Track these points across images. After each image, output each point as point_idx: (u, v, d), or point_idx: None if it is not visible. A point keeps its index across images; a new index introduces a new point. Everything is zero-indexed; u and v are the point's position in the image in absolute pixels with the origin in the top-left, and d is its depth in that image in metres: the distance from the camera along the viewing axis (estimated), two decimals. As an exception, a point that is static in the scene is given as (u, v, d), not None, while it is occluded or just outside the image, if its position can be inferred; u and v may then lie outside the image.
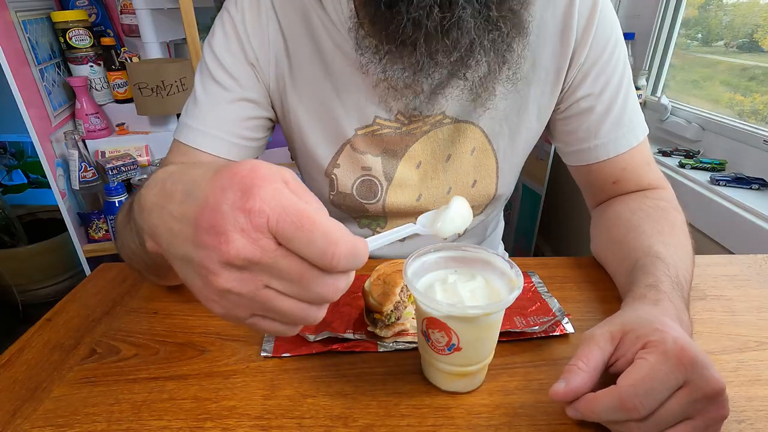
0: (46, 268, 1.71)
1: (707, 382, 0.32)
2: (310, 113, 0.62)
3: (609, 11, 0.59)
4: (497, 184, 0.67)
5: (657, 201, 0.59)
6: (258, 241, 0.26)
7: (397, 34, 0.46)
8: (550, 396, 0.35)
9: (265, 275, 0.27)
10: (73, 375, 0.43)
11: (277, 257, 0.26)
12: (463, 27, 0.45)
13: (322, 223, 0.26)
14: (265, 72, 0.61)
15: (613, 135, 0.61)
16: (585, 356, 0.36)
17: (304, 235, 0.26)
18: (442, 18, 0.44)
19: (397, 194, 0.65)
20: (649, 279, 0.45)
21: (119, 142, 1.48)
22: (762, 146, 1.08)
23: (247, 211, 0.26)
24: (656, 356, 0.33)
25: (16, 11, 1.26)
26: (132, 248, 0.45)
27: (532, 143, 0.66)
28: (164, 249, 0.32)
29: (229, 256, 0.26)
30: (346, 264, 0.26)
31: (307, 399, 0.40)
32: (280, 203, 0.26)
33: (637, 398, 0.32)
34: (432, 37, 0.45)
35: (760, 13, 1.20)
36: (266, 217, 0.26)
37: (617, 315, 0.40)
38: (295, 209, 0.26)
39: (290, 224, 0.26)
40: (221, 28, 0.60)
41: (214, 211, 0.26)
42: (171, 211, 0.30)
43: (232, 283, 0.27)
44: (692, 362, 0.32)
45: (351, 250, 0.26)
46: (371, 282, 0.47)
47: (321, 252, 0.26)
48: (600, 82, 0.60)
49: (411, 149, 0.63)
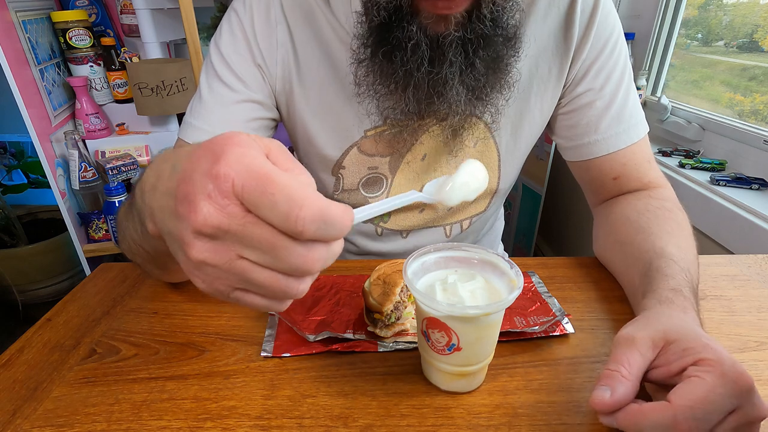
0: (46, 268, 1.71)
1: (758, 410, 0.31)
2: (317, 115, 0.62)
3: (610, 8, 0.60)
4: (499, 178, 0.67)
5: (662, 201, 0.59)
6: (225, 208, 0.25)
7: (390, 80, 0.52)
8: (591, 403, 0.33)
9: (237, 245, 0.26)
10: (73, 375, 0.43)
11: (245, 224, 0.25)
12: (448, 83, 0.51)
13: (286, 185, 0.24)
14: (271, 73, 0.61)
15: (613, 131, 0.61)
16: (627, 362, 0.34)
17: (267, 199, 0.24)
18: (429, 72, 0.50)
19: (401, 186, 0.65)
20: (671, 282, 0.44)
21: (119, 142, 1.48)
22: (762, 146, 1.08)
23: (213, 176, 0.25)
24: (714, 378, 0.31)
25: (16, 11, 1.25)
26: (134, 238, 0.45)
27: (535, 139, 0.67)
28: (159, 228, 0.32)
29: (197, 223, 0.25)
30: (315, 229, 0.25)
31: (307, 399, 0.40)
32: (246, 167, 0.25)
33: (694, 421, 0.30)
34: (419, 87, 0.52)
35: (760, 13, 1.20)
36: (231, 181, 0.25)
37: (651, 318, 0.38)
38: (260, 173, 0.25)
39: (254, 188, 0.24)
40: (229, 28, 0.60)
41: (186, 180, 0.26)
42: (161, 189, 0.30)
43: (205, 254, 0.26)
44: (748, 388, 0.31)
45: (317, 213, 0.25)
46: (371, 282, 0.47)
47: (284, 215, 0.24)
48: (600, 78, 0.60)
49: (418, 142, 0.63)
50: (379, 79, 0.54)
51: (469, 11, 0.48)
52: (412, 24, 0.48)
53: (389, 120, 0.59)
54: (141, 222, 0.38)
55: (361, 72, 0.55)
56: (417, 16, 0.48)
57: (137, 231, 0.42)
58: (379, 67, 0.52)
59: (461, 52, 0.50)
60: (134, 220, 0.42)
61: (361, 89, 0.56)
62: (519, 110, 0.63)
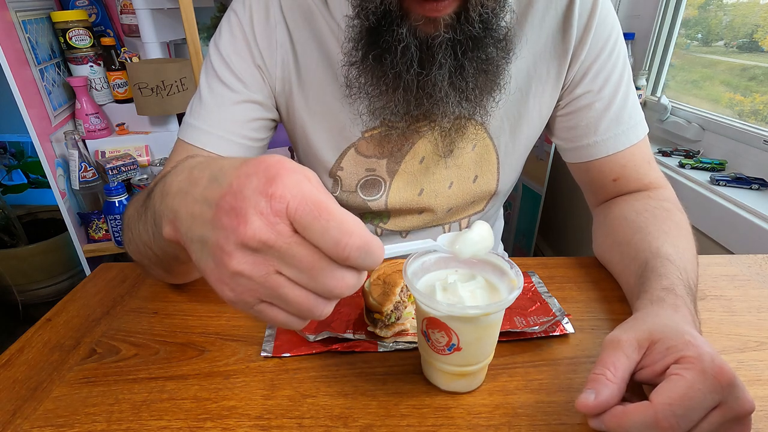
0: (46, 268, 1.71)
1: (741, 405, 0.31)
2: (316, 116, 0.62)
3: (609, 9, 0.60)
4: (498, 180, 0.67)
5: (661, 202, 0.59)
6: (275, 226, 0.26)
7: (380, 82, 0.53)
8: (576, 407, 0.34)
9: (277, 261, 0.27)
10: (73, 375, 0.43)
11: (291, 243, 0.27)
12: (437, 84, 0.51)
13: (339, 214, 0.27)
14: (271, 74, 0.61)
15: (613, 132, 0.61)
16: (612, 365, 0.34)
17: (320, 224, 0.26)
18: (419, 74, 0.51)
19: (399, 189, 0.65)
20: (664, 282, 0.44)
21: (119, 142, 1.48)
22: (762, 146, 1.07)
23: (269, 195, 0.26)
24: (694, 374, 0.32)
25: (16, 11, 1.25)
26: (144, 239, 0.45)
27: (533, 140, 0.67)
28: (182, 233, 0.32)
29: (245, 236, 0.26)
30: (358, 256, 0.27)
31: (307, 399, 0.40)
32: (301, 192, 0.27)
33: (674, 418, 0.30)
34: (408, 89, 0.52)
35: (760, 13, 1.20)
36: (286, 203, 0.26)
37: (639, 319, 0.39)
38: (314, 199, 0.26)
39: (308, 212, 0.26)
40: (228, 29, 0.60)
41: (236, 195, 0.27)
42: (194, 195, 0.31)
43: (243, 266, 0.27)
44: (729, 383, 0.31)
45: (364, 244, 0.27)
46: (371, 282, 0.47)
47: (335, 241, 0.26)
48: (599, 79, 0.60)
49: (415, 145, 0.63)
50: (370, 80, 0.54)
51: (457, 13, 0.48)
52: (402, 27, 0.48)
53: (382, 120, 0.59)
54: (156, 224, 0.38)
55: (352, 74, 0.55)
56: (407, 19, 0.48)
57: (148, 233, 0.42)
58: (370, 70, 0.53)
59: (451, 54, 0.50)
60: (146, 222, 0.42)
61: (352, 91, 0.56)
62: (517, 112, 0.63)
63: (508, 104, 0.61)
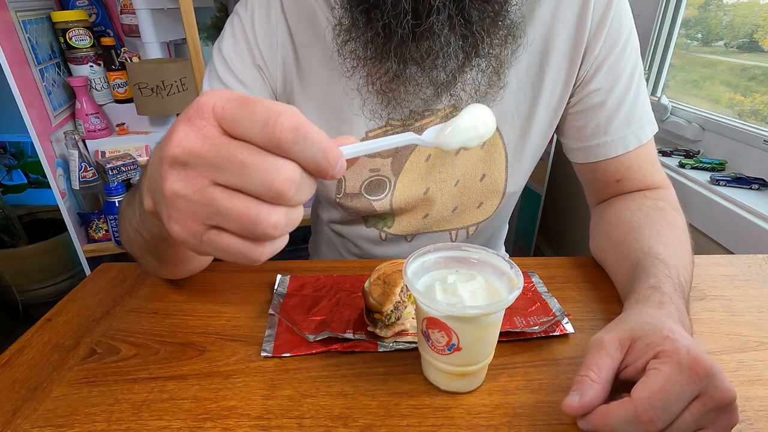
0: (46, 268, 1.71)
1: (721, 393, 0.31)
2: (319, 116, 0.62)
3: (624, 6, 0.59)
4: (507, 180, 0.66)
5: (656, 201, 0.59)
6: (201, 129, 0.26)
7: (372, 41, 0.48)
8: (563, 409, 0.34)
9: (210, 169, 0.26)
10: (73, 375, 0.43)
11: (219, 144, 0.26)
12: (435, 34, 0.45)
13: (266, 101, 0.26)
14: (272, 74, 0.61)
15: (623, 132, 0.60)
16: (596, 366, 0.35)
17: (247, 112, 0.25)
18: (414, 25, 0.45)
19: (404, 187, 0.65)
20: (651, 280, 0.45)
21: (119, 142, 1.48)
22: (762, 146, 1.07)
23: (194, 105, 0.26)
24: (670, 367, 0.32)
25: (16, 11, 1.25)
26: (133, 224, 0.46)
27: (544, 140, 0.65)
28: (151, 195, 0.33)
29: (171, 149, 0.26)
30: (292, 138, 0.25)
31: (307, 399, 0.40)
32: (229, 93, 0.26)
33: (653, 411, 0.31)
34: (403, 44, 0.47)
35: (760, 13, 1.20)
36: (212, 104, 0.26)
37: (623, 319, 0.39)
38: (242, 96, 0.26)
39: (236, 106, 0.26)
40: (231, 31, 0.60)
41: (171, 127, 0.28)
42: (155, 158, 0.31)
43: (177, 184, 0.27)
44: (706, 373, 0.31)
45: (296, 122, 0.25)
46: (371, 282, 0.47)
47: (263, 122, 0.25)
48: (611, 77, 0.59)
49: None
50: (362, 45, 0.50)
51: None
52: None
53: (387, 120, 0.58)
54: (140, 203, 0.39)
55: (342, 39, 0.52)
56: None
57: (136, 214, 0.43)
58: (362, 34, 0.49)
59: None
60: (134, 205, 0.43)
61: (347, 62, 0.53)
62: (528, 110, 0.62)
63: (519, 102, 0.61)
